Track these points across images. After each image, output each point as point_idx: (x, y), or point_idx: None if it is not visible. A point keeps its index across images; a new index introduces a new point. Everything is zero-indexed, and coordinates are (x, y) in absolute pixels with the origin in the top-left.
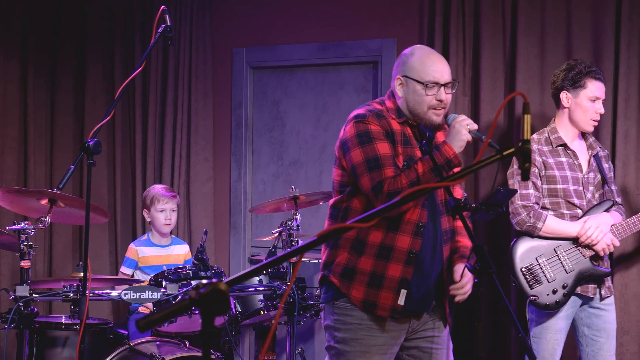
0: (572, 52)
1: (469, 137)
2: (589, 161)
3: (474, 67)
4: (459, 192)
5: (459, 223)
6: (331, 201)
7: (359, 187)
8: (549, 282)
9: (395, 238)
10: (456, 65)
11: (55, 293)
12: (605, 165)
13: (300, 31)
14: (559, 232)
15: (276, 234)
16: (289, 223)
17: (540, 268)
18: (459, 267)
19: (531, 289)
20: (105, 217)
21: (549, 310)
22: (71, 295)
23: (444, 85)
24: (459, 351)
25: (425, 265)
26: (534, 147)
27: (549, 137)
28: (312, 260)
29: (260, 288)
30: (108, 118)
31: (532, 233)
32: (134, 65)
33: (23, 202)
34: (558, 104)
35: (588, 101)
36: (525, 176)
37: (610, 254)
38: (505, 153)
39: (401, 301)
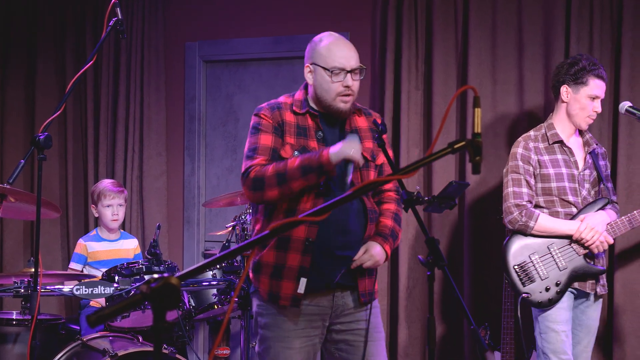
0: (523, 47)
1: (352, 156)
2: (585, 158)
3: (426, 61)
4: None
5: (385, 206)
6: None
7: None
8: (542, 280)
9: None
10: (409, 59)
11: (6, 289)
12: (601, 163)
13: (253, 25)
14: (552, 231)
15: (230, 228)
16: (243, 217)
17: (533, 265)
18: (363, 247)
19: (524, 286)
20: (57, 212)
21: (541, 308)
22: (22, 291)
23: (351, 71)
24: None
25: (329, 250)
26: (531, 145)
27: (546, 133)
28: None
29: (214, 282)
30: (59, 112)
31: (524, 232)
32: (86, 59)
33: None
34: (557, 97)
35: (587, 99)
36: (476, 170)
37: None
38: (456, 147)
39: (301, 289)
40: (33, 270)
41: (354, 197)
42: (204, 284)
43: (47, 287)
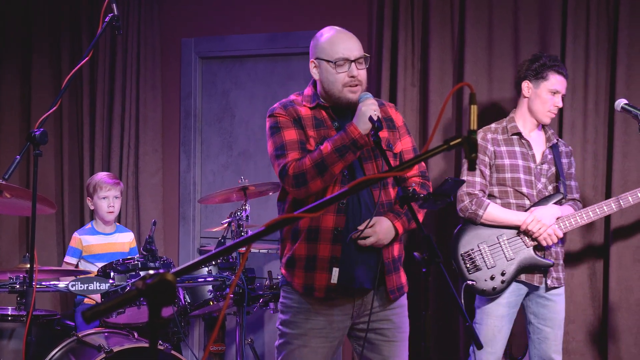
0: (520, 44)
1: (376, 113)
2: (543, 152)
3: (422, 58)
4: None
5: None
6: (277, 197)
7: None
8: (487, 269)
9: (320, 219)
10: (405, 56)
11: (1, 285)
12: (564, 160)
13: (249, 21)
14: (500, 221)
15: (225, 225)
16: (238, 214)
17: (481, 254)
18: (372, 219)
19: (469, 274)
20: (52, 208)
21: (486, 296)
22: (17, 286)
23: (355, 61)
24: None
25: (355, 241)
26: (489, 136)
27: (506, 126)
28: (261, 251)
29: (210, 279)
30: (55, 108)
31: (474, 220)
32: (81, 55)
33: None
34: (519, 92)
35: (548, 93)
36: (472, 166)
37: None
38: (452, 143)
39: (334, 279)
40: (28, 266)
41: (350, 193)
42: (199, 280)
43: (43, 283)
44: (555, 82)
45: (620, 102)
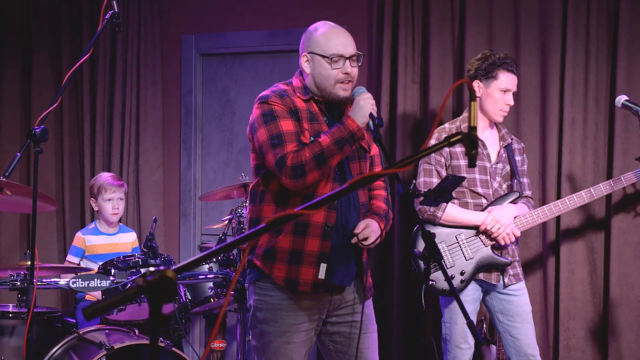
0: (520, 40)
1: (374, 109)
2: (499, 152)
3: (423, 54)
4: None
5: (377, 192)
6: (250, 186)
7: (266, 165)
8: (447, 268)
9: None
10: (405, 53)
11: (2, 282)
12: (517, 158)
13: (249, 18)
14: (459, 222)
15: (226, 222)
16: (239, 210)
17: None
18: (362, 221)
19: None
20: (53, 206)
21: (446, 296)
22: (18, 283)
23: (349, 58)
24: (407, 336)
25: (341, 238)
26: (443, 136)
27: (460, 125)
28: None
29: (211, 276)
30: (55, 105)
31: (432, 221)
32: (82, 52)
33: None
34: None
35: (498, 92)
36: (472, 163)
37: (557, 239)
38: (452, 140)
39: (322, 275)
40: (29, 263)
41: (350, 190)
42: (200, 277)
43: (44, 280)
44: (506, 80)
45: (621, 99)
